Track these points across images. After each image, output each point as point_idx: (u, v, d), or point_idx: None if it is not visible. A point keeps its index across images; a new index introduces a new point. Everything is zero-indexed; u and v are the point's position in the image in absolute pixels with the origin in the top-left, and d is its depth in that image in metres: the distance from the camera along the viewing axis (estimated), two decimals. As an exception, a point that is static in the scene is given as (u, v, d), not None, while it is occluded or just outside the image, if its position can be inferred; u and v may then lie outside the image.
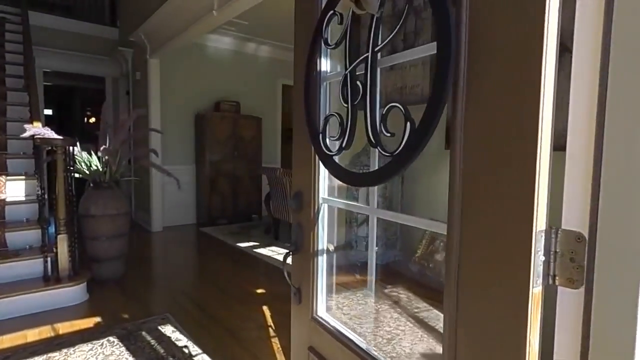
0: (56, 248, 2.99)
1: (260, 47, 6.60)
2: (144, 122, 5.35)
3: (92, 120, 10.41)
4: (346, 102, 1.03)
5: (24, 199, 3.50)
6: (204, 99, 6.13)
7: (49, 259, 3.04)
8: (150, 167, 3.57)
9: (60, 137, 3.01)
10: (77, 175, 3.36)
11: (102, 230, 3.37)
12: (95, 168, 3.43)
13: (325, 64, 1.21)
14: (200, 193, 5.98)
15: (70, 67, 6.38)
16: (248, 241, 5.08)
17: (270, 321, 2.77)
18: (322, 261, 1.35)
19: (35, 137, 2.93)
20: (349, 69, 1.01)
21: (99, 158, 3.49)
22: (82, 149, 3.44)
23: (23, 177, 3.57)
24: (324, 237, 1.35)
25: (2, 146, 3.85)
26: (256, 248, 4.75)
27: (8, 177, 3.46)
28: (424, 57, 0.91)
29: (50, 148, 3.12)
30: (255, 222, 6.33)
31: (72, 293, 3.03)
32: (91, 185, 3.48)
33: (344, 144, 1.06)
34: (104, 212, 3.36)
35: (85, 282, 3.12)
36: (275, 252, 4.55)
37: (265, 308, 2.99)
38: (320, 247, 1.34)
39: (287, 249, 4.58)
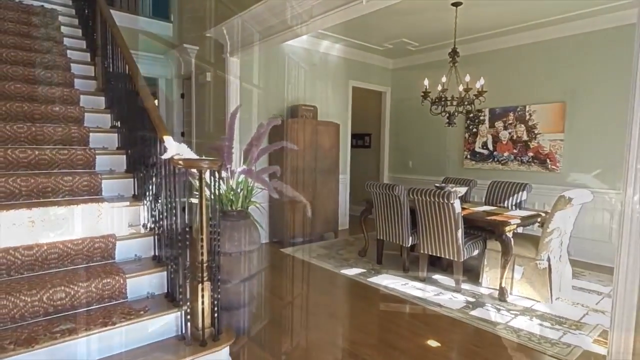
0: (199, 299, 2.30)
1: (333, 45, 5.93)
2: (219, 131, 4.66)
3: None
4: None
5: (128, 231, 2.79)
6: (277, 102, 5.45)
7: (183, 313, 2.36)
8: (283, 191, 2.88)
9: (203, 158, 2.32)
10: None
11: (237, 271, 2.69)
12: (225, 193, 2.74)
13: None
14: (276, 209, 5.29)
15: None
16: (348, 266, 4.42)
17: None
18: None
19: (176, 159, 2.23)
20: None
21: (223, 180, 2.80)
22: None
23: (126, 203, 2.86)
24: None
25: (91, 163, 3.12)
26: (367, 277, 4.08)
27: (112, 204, 2.74)
28: None
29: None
30: (332, 241, 5.66)
31: (216, 359, 2.35)
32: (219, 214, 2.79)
33: None
34: (239, 248, 2.67)
35: (230, 343, 2.43)
36: (397, 283, 3.89)
37: (469, 374, 2.35)
38: None
39: (408, 278, 3.96)
